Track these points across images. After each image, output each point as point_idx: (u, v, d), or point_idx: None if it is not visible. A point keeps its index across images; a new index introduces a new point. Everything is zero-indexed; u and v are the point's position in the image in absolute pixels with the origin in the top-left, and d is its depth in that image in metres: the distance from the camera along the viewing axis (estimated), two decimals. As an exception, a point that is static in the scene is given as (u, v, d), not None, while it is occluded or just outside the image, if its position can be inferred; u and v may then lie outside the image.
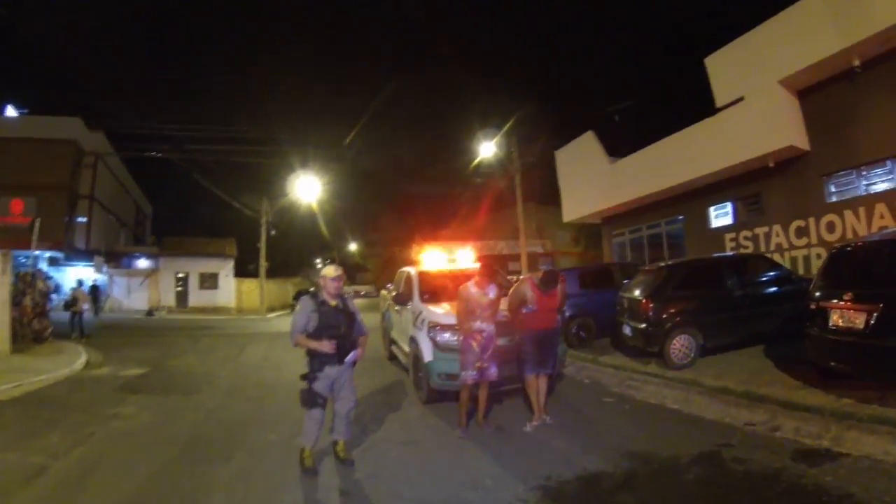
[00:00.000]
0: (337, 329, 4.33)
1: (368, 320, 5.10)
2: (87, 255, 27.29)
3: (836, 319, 5.06)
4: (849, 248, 5.67)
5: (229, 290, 31.19)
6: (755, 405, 5.39)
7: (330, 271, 4.48)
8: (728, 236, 13.45)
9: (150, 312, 26.64)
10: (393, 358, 9.11)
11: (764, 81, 11.04)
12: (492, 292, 5.37)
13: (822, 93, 10.66)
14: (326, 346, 4.22)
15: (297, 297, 23.76)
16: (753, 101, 11.39)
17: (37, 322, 11.91)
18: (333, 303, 4.42)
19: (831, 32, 9.47)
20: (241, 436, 5.38)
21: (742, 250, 12.68)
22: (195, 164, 25.16)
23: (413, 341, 6.75)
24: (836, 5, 9.39)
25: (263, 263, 28.77)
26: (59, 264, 25.91)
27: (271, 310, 28.84)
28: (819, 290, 5.47)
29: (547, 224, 30.91)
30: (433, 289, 7.38)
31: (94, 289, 23.15)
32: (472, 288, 5.32)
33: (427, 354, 6.20)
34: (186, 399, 7.17)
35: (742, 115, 11.67)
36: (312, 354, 4.33)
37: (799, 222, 11.54)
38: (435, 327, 6.21)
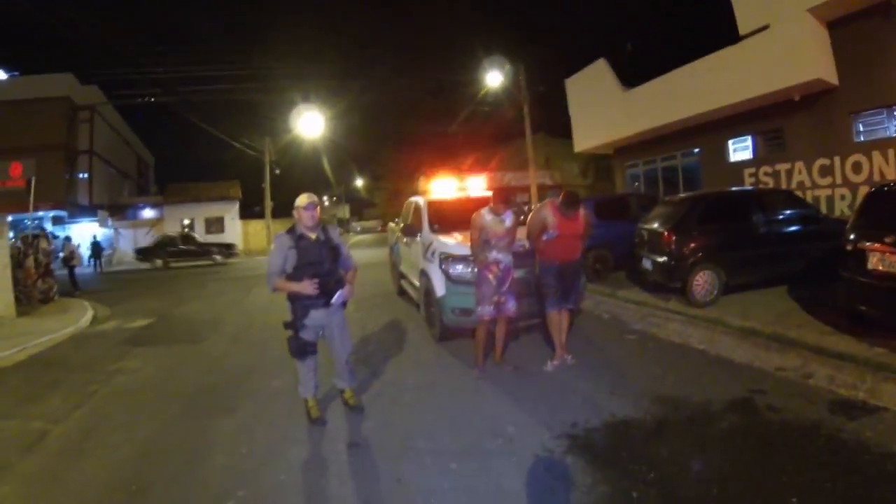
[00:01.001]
0: (319, 266, 3.80)
1: (375, 255, 4.62)
2: (90, 210, 27.14)
3: (875, 263, 4.73)
4: (887, 188, 5.21)
5: (236, 232, 31.20)
6: (785, 349, 5.10)
7: (302, 199, 3.87)
8: (747, 171, 12.93)
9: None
10: (403, 293, 8.82)
11: (792, 9, 10.34)
12: (508, 219, 4.87)
13: (853, 26, 10.05)
14: (308, 286, 3.69)
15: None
16: (780, 29, 10.67)
17: (42, 282, 11.72)
18: (313, 236, 3.87)
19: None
20: (245, 385, 5.16)
21: (762, 186, 12.16)
22: (193, 107, 24.53)
23: (424, 275, 6.37)
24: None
25: (269, 203, 28.56)
26: (63, 223, 25.81)
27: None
28: (855, 232, 5.09)
29: (555, 156, 30.21)
30: (444, 218, 6.94)
31: (96, 244, 22.90)
32: (486, 215, 4.83)
33: (439, 288, 5.79)
34: (191, 348, 6.96)
35: (767, 44, 10.95)
36: (294, 298, 3.82)
37: (823, 160, 11.08)
38: (447, 259, 5.77)
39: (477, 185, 8.14)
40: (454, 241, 6.01)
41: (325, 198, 51.95)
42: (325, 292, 3.78)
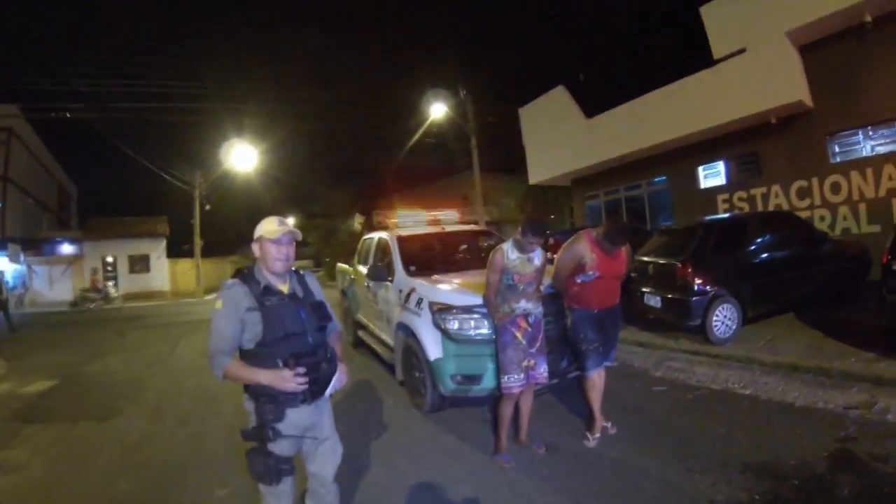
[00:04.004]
0: (300, 339, 2.22)
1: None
2: (1, 244, 24.12)
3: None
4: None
5: (162, 272, 28.54)
6: (839, 384, 4.55)
7: (269, 226, 2.33)
8: (721, 197, 12.50)
9: (74, 304, 23.70)
10: (360, 345, 7.35)
11: (769, 33, 10.15)
12: (537, 258, 3.70)
13: (827, 48, 9.97)
14: (290, 380, 2.10)
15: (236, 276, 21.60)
16: (757, 52, 10.45)
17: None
18: (285, 287, 2.34)
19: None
20: (175, 492, 3.57)
21: (737, 212, 11.73)
22: (120, 133, 22.51)
23: (404, 330, 4.97)
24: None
25: (198, 241, 26.56)
26: (-36, 255, 22.72)
27: (209, 291, 26.33)
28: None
29: (491, 191, 29.99)
30: (420, 259, 5.70)
31: None
32: (510, 252, 3.63)
33: (433, 350, 4.40)
34: (99, 428, 5.20)
35: (744, 68, 10.70)
36: (261, 392, 2.17)
37: (801, 183, 10.80)
38: (444, 311, 4.39)
39: (449, 218, 7.00)
40: (448, 287, 4.74)
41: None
42: (314, 382, 2.18)
